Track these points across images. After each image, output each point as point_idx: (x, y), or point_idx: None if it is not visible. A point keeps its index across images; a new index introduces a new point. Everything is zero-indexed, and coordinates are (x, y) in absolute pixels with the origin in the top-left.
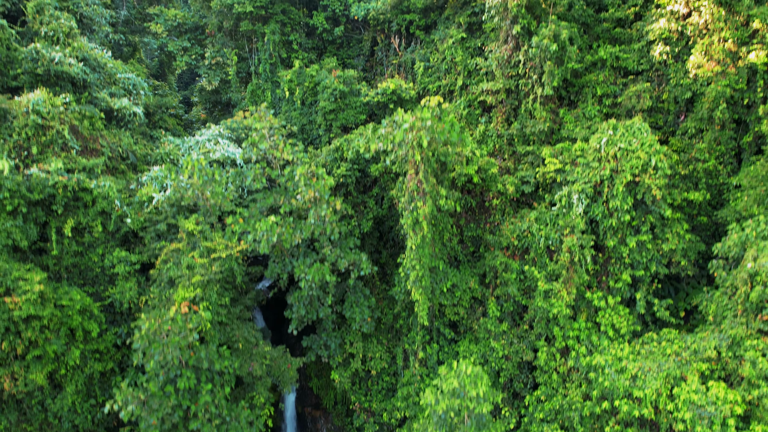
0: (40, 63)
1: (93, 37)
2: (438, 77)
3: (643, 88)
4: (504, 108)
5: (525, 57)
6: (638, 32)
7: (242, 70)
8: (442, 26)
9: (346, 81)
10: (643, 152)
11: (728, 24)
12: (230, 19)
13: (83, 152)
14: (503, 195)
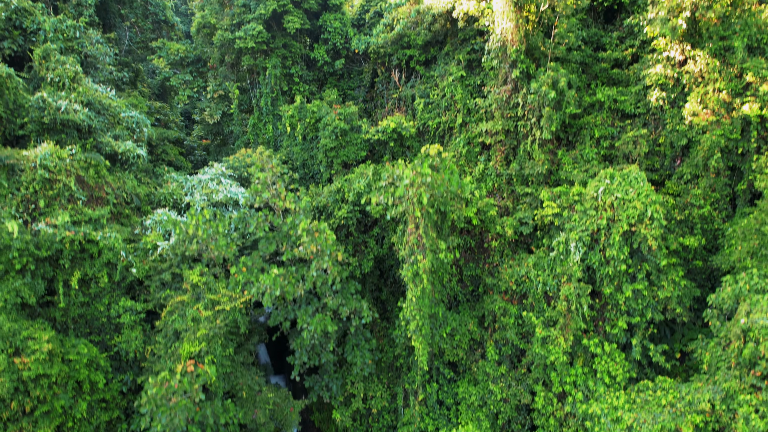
0: (47, 112)
1: (97, 75)
2: (438, 113)
3: (640, 134)
4: (503, 147)
5: (524, 100)
6: (635, 75)
7: (244, 102)
8: (441, 62)
9: (347, 118)
10: (640, 202)
11: (722, 75)
12: (232, 54)
13: (89, 201)
14: (502, 237)
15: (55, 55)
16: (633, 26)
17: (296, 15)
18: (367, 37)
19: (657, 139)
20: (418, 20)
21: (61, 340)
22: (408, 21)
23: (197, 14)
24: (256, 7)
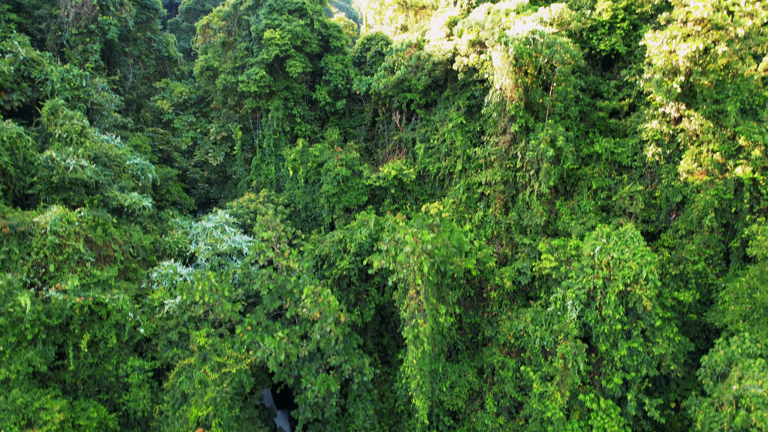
0: (56, 171)
1: (102, 122)
2: (438, 158)
3: (636, 190)
4: (502, 196)
5: (522, 152)
6: (632, 126)
7: (246, 142)
8: (441, 106)
9: (348, 163)
10: (635, 263)
11: (716, 136)
12: (234, 96)
13: (98, 260)
14: (500, 288)
15: (63, 111)
16: (630, 76)
17: (298, 59)
18: (368, 77)
19: (653, 192)
20: (418, 65)
21: (71, 404)
22: (409, 66)
23: (200, 57)
24: (259, 52)
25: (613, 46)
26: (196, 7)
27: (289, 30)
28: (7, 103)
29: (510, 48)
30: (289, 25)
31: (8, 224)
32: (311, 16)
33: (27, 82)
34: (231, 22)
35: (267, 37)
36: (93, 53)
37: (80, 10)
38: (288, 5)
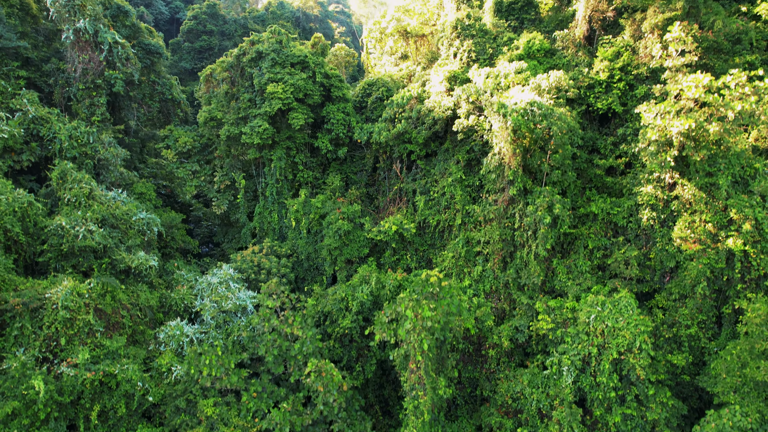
0: (65, 240)
1: (108, 176)
2: (438, 210)
3: (631, 255)
4: (500, 252)
5: (520, 213)
6: (628, 185)
7: (249, 189)
8: (441, 157)
9: (350, 216)
10: (629, 332)
11: (708, 207)
12: (238, 146)
13: (107, 328)
14: (498, 346)
15: (72, 174)
16: (626, 135)
17: (300, 111)
18: (370, 125)
19: (648, 253)
20: (419, 118)
21: None
22: (409, 119)
23: (204, 107)
24: (262, 104)
25: (609, 105)
26: (198, 27)
27: (291, 84)
28: (17, 163)
29: (508, 120)
30: (291, 78)
31: (21, 302)
32: (313, 68)
33: (36, 141)
34: (234, 72)
35: (270, 91)
36: (99, 106)
37: (87, 65)
38: (290, 58)
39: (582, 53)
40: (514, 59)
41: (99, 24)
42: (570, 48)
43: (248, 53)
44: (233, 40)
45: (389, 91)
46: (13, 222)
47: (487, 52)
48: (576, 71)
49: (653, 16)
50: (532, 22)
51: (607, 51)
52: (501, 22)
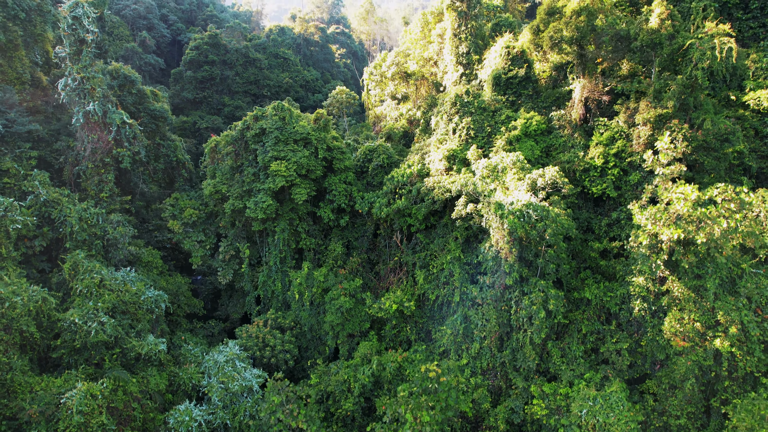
0: (78, 336)
1: (117, 254)
2: (437, 285)
3: (622, 347)
4: (497, 331)
5: (516, 302)
6: (621, 272)
7: (253, 255)
8: (441, 231)
9: (351, 292)
10: (619, 428)
11: (697, 306)
12: (242, 219)
13: (119, 424)
14: (495, 429)
15: (83, 265)
16: (620, 219)
17: (303, 186)
18: (371, 195)
19: (639, 340)
20: (419, 196)
21: None
22: (410, 197)
23: (209, 180)
24: (266, 179)
25: (604, 189)
26: (199, 58)
27: (294, 161)
28: (29, 249)
29: (505, 223)
30: (294, 156)
31: (38, 410)
32: (315, 145)
33: (47, 224)
34: (238, 146)
35: (273, 169)
36: (107, 182)
37: (96, 144)
38: (293, 135)
39: (578, 135)
40: (512, 140)
41: (108, 104)
42: (566, 128)
43: (252, 128)
44: (234, 70)
45: (390, 158)
46: (28, 322)
47: (485, 130)
48: (572, 153)
49: (646, 110)
50: (530, 97)
51: (603, 135)
52: (499, 97)
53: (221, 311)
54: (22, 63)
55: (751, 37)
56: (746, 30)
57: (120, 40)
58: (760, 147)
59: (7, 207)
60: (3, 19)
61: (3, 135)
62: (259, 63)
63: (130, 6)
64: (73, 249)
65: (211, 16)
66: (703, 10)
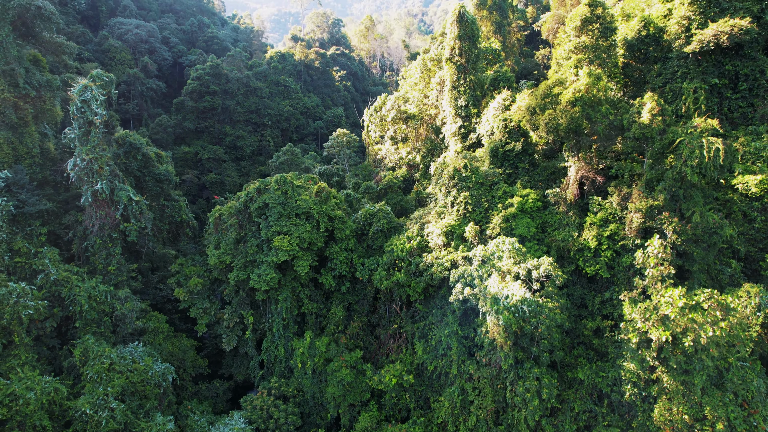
0: (89, 426)
1: (125, 327)
2: (435, 356)
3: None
4: (493, 406)
5: (512, 383)
6: (613, 354)
7: (256, 322)
8: (439, 303)
9: (352, 364)
10: None
11: (685, 399)
12: (246, 287)
13: None
14: None
15: (93, 350)
16: (612, 299)
17: (306, 258)
18: (371, 260)
19: (630, 422)
20: (418, 270)
21: None
22: (408, 271)
23: (214, 251)
24: (269, 251)
25: (597, 270)
26: (201, 88)
27: (297, 236)
28: (40, 330)
29: (500, 319)
30: (297, 230)
31: None
32: (317, 218)
33: (57, 304)
34: (242, 217)
35: (276, 244)
36: (115, 255)
37: (104, 221)
38: (296, 209)
39: (572, 213)
40: (509, 217)
41: (115, 180)
42: (561, 205)
43: (256, 201)
44: (236, 99)
45: (390, 222)
46: (42, 416)
47: (482, 206)
48: (567, 232)
49: (638, 199)
50: (526, 170)
51: (596, 215)
52: (497, 170)
53: (225, 369)
54: (32, 138)
55: (740, 117)
56: (735, 109)
57: (122, 64)
58: (748, 230)
59: (20, 293)
60: (14, 98)
61: (15, 215)
62: (260, 92)
63: (132, 30)
64: (82, 327)
65: (212, 38)
66: (694, 92)
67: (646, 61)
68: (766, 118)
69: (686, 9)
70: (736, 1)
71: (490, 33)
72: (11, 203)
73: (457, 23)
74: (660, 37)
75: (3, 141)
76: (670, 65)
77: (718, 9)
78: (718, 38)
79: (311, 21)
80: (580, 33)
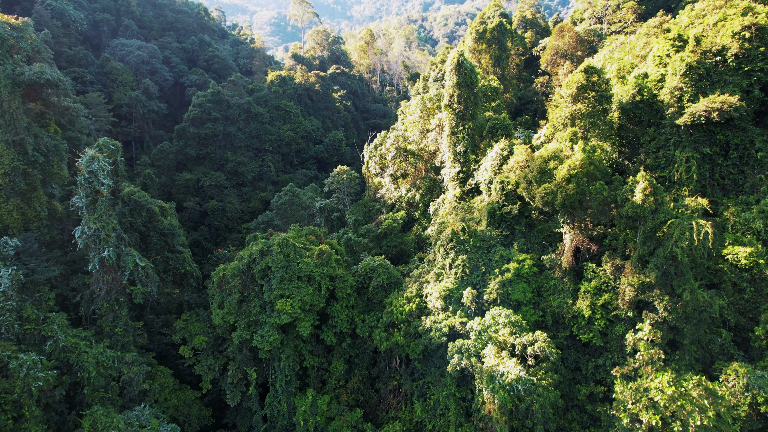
0: None
1: (131, 391)
2: (434, 415)
3: None
4: None
5: None
6: (605, 424)
7: (260, 377)
8: (438, 362)
9: (353, 423)
10: None
11: None
12: (249, 345)
13: None
14: None
15: (102, 422)
16: (606, 365)
17: (307, 320)
18: (371, 317)
19: None
20: (417, 333)
21: None
22: (407, 334)
23: (218, 310)
24: (272, 313)
25: (590, 339)
26: (202, 115)
27: (299, 299)
28: (49, 398)
29: (495, 398)
30: (299, 294)
31: None
32: (318, 280)
33: (66, 370)
34: (245, 278)
35: (279, 308)
36: (121, 317)
37: (111, 285)
38: (298, 272)
39: (567, 279)
40: (505, 282)
41: (121, 246)
42: (557, 271)
43: (259, 263)
44: (237, 125)
45: (390, 277)
46: None
47: (479, 269)
48: (561, 299)
49: (630, 274)
50: (523, 233)
51: (591, 283)
52: (495, 233)
53: (228, 419)
54: (40, 202)
55: (731, 183)
56: (727, 175)
57: (124, 86)
58: (738, 300)
59: (30, 365)
60: (23, 165)
61: (24, 283)
62: (261, 117)
63: (134, 52)
64: (90, 393)
65: (213, 57)
66: (686, 162)
67: (640, 123)
68: (756, 187)
69: (678, 80)
70: (726, 75)
71: (489, 66)
72: (21, 272)
73: (456, 71)
74: (654, 102)
75: (13, 208)
76: (664, 132)
77: (709, 82)
78: (709, 114)
79: (311, 38)
80: (575, 101)
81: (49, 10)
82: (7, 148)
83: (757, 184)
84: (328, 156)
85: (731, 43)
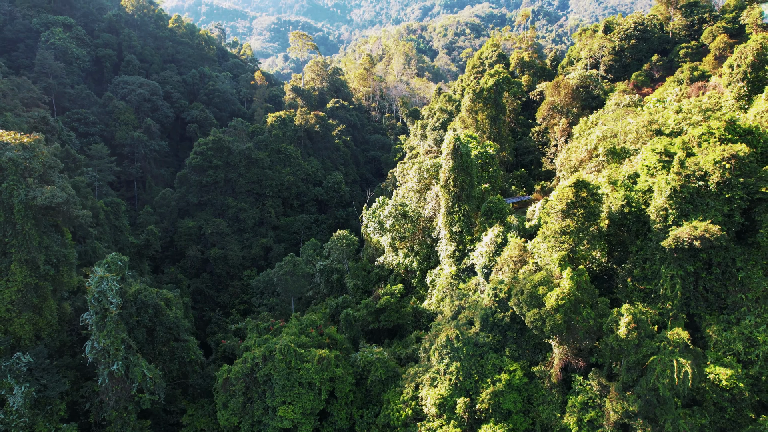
0: None
1: None
2: None
3: None
4: None
5: None
6: None
7: None
8: None
9: None
10: None
11: None
12: None
13: None
14: None
15: None
16: None
17: (308, 424)
18: (369, 413)
19: None
20: None
21: None
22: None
23: (223, 411)
24: (275, 416)
25: None
26: (203, 163)
27: (300, 405)
28: None
29: None
30: (300, 400)
31: None
32: (319, 386)
33: None
34: (248, 380)
35: (281, 414)
36: (129, 423)
37: (120, 395)
38: (300, 378)
39: (556, 391)
40: (497, 392)
41: (129, 357)
42: (546, 382)
43: (261, 368)
44: (238, 171)
45: (387, 371)
46: None
47: (472, 377)
48: (549, 411)
49: (615, 400)
50: (515, 339)
51: (578, 398)
52: (488, 338)
53: None
54: (51, 311)
55: (714, 297)
56: (710, 288)
57: (126, 125)
58: (719, 420)
59: None
60: (35, 280)
61: (37, 399)
62: (261, 162)
63: (136, 90)
64: None
65: (213, 91)
66: (671, 279)
67: (629, 232)
68: (737, 305)
69: (664, 201)
70: (709, 199)
71: (486, 125)
72: (33, 389)
73: (452, 156)
74: (641, 214)
75: (25, 321)
76: (650, 246)
77: (692, 206)
78: (692, 241)
79: (310, 69)
80: (565, 216)
81: (52, 50)
82: (20, 266)
83: (738, 303)
84: (327, 198)
85: (713, 170)
